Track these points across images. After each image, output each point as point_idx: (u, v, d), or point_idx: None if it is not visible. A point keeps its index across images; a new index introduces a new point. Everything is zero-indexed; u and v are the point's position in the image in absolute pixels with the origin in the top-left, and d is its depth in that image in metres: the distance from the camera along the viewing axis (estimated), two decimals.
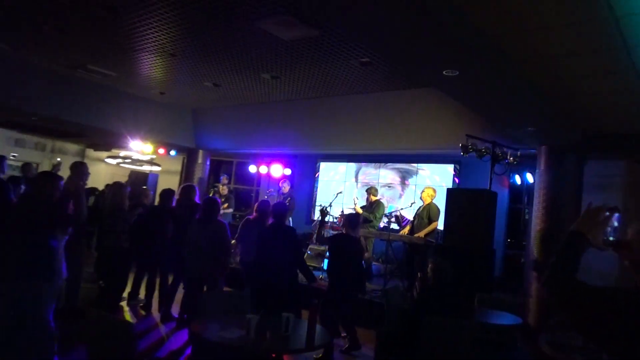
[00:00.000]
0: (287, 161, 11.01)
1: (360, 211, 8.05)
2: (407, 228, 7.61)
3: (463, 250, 5.86)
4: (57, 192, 3.63)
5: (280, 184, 9.59)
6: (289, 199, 9.08)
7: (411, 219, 7.87)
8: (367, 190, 8.32)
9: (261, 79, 7.88)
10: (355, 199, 8.53)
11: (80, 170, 5.23)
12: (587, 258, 1.40)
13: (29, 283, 3.30)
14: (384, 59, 6.30)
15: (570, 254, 1.35)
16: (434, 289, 3.91)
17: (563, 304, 1.28)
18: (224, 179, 10.29)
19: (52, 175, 3.82)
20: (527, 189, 8.24)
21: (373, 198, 8.18)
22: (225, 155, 12.73)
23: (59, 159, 8.33)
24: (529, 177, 7.78)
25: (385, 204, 9.87)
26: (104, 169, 14.03)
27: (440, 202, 7.29)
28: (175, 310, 5.89)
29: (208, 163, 11.93)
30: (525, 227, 8.21)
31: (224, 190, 9.59)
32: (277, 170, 10.79)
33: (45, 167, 12.58)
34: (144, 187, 8.53)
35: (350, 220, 5.24)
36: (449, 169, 9.22)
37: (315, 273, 5.98)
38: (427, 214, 7.15)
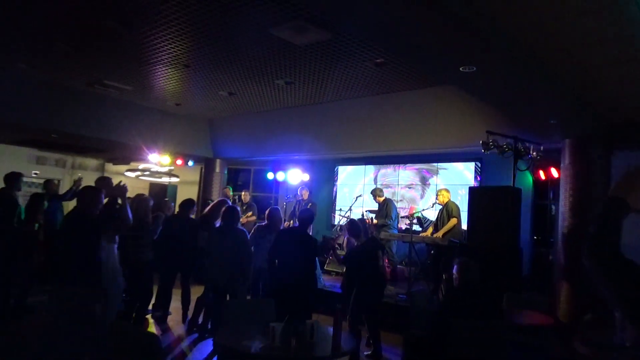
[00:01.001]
0: (305, 167, 11.04)
1: (375, 221, 8.02)
2: (430, 230, 7.54)
3: (489, 250, 5.77)
4: (100, 204, 4.16)
5: (299, 192, 9.62)
6: (310, 204, 9.07)
7: (433, 220, 7.81)
8: (372, 193, 8.28)
9: (275, 85, 7.92)
10: (366, 216, 8.45)
11: (105, 184, 5.29)
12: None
13: (88, 288, 3.69)
14: (398, 58, 6.27)
15: (610, 221, 1.27)
16: (461, 291, 3.86)
17: (607, 274, 1.20)
18: (245, 192, 10.17)
19: (94, 189, 4.31)
20: (552, 184, 8.08)
21: (380, 199, 8.15)
22: (242, 164, 12.82)
23: (80, 175, 8.46)
24: (554, 172, 7.64)
25: (406, 205, 9.81)
26: (124, 182, 14.22)
27: (463, 202, 7.19)
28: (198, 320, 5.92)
29: (226, 172, 12.05)
30: (552, 224, 8.05)
31: (245, 197, 9.58)
32: (295, 176, 10.82)
33: (66, 183, 12.84)
34: (166, 199, 8.62)
35: (351, 229, 5.19)
36: (470, 167, 9.13)
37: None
38: (446, 212, 7.09)
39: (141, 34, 5.95)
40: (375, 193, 8.20)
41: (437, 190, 7.49)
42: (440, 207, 7.41)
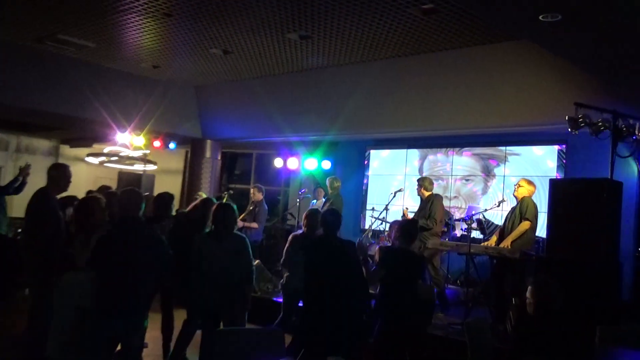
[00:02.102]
0: (325, 151, 11.05)
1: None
2: (494, 238, 7.48)
3: (575, 265, 5.70)
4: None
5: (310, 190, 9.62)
6: (330, 201, 9.05)
7: (499, 224, 7.74)
8: (418, 182, 8.19)
9: (286, 40, 7.93)
10: (406, 210, 8.45)
11: (61, 174, 5.33)
12: None
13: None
14: (454, 3, 6.21)
15: None
16: (537, 321, 3.85)
17: None
18: (254, 189, 9.62)
19: None
20: None
21: (425, 193, 8.01)
22: (241, 147, 12.88)
23: (27, 162, 8.58)
24: None
25: (462, 204, 9.74)
26: (84, 171, 14.42)
27: (541, 199, 7.10)
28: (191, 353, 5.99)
29: (219, 157, 12.15)
30: None
31: (254, 195, 9.22)
32: (312, 164, 10.83)
33: (9, 171, 13.08)
34: (146, 193, 8.66)
35: (405, 229, 5.25)
36: (552, 152, 9.05)
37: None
38: (519, 212, 6.98)
39: None
40: (423, 184, 8.08)
41: (520, 179, 7.36)
42: (513, 207, 7.26)
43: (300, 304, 5.58)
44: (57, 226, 5.15)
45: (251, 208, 8.96)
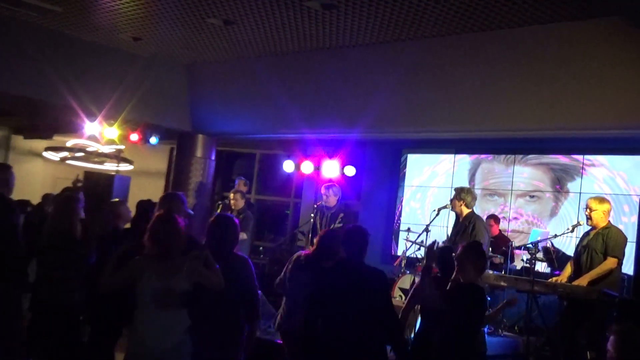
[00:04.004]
0: (349, 153, 10.99)
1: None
2: (567, 270, 7.41)
3: None
4: None
5: (322, 191, 9.54)
6: (340, 216, 9.03)
7: (572, 254, 7.64)
8: (456, 193, 8.01)
9: (304, 9, 7.92)
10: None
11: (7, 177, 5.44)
12: None
13: None
14: None
15: None
16: None
17: None
18: (240, 183, 10.38)
19: None
20: None
21: (465, 210, 7.79)
22: (241, 144, 12.87)
23: None
24: None
25: (524, 227, 9.64)
26: (41, 169, 14.49)
27: (628, 226, 7.00)
28: None
29: (213, 157, 12.11)
30: None
31: (237, 202, 9.67)
32: (332, 168, 10.77)
33: None
34: (116, 199, 8.64)
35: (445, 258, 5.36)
36: None
37: None
38: (602, 244, 6.92)
39: None
40: (465, 198, 7.88)
41: (590, 198, 7.28)
42: (588, 230, 7.21)
43: None
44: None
45: (235, 216, 9.09)
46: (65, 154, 13.33)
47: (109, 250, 6.05)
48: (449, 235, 8.36)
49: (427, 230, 9.10)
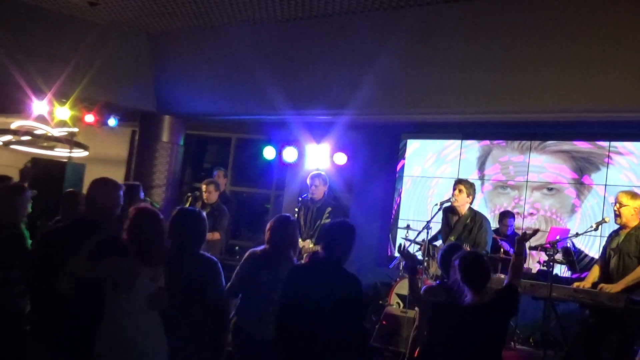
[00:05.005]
0: (339, 138, 10.98)
1: None
2: (593, 275, 7.38)
3: None
4: None
5: (309, 181, 9.56)
6: (328, 210, 9.03)
7: (596, 256, 7.68)
8: (461, 185, 8.12)
9: None
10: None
11: None
12: None
13: None
14: None
15: None
16: None
17: None
18: (219, 174, 10.31)
19: None
20: None
21: (466, 207, 8.01)
22: (214, 127, 12.84)
23: None
24: None
25: (542, 224, 9.63)
26: None
27: None
28: None
29: (182, 142, 12.05)
30: None
31: (210, 195, 9.59)
32: (320, 156, 10.75)
33: None
34: (70, 190, 8.62)
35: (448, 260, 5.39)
36: None
37: None
38: (635, 247, 6.93)
39: None
40: (470, 190, 8.00)
41: (619, 192, 7.28)
42: (616, 230, 7.24)
43: None
44: None
45: (207, 211, 8.98)
46: (9, 137, 13.35)
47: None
48: (442, 234, 8.53)
49: (427, 227, 9.08)
